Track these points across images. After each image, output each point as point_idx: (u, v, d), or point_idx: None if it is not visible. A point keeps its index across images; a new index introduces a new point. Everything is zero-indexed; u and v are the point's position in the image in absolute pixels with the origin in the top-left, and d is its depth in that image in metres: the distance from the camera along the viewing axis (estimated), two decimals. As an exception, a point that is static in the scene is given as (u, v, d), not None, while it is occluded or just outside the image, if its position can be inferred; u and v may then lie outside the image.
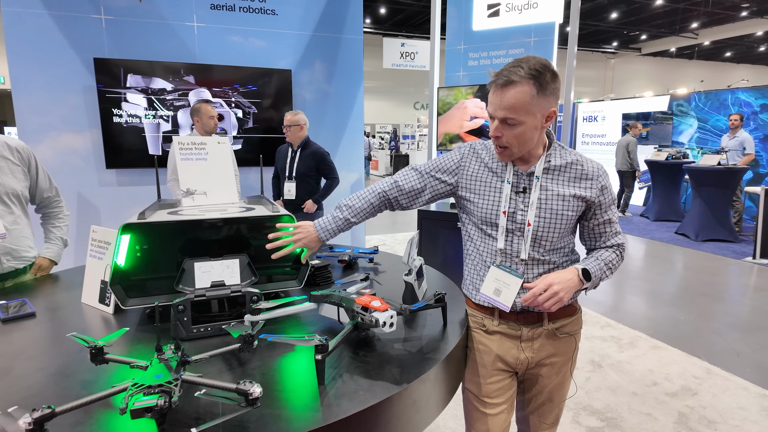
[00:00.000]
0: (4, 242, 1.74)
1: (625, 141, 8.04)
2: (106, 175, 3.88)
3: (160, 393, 0.88)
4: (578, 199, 1.28)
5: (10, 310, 1.45)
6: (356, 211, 1.43)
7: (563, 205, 1.28)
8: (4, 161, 1.78)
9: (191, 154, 1.72)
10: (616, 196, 8.04)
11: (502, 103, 1.19)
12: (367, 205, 1.43)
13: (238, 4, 4.11)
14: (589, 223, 1.35)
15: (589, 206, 1.31)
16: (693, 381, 2.81)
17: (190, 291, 1.33)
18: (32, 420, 0.80)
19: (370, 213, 1.46)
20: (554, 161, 1.30)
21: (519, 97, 1.17)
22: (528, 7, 3.46)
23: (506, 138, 1.22)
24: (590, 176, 1.29)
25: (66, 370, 1.14)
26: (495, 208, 1.31)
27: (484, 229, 1.35)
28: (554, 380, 1.40)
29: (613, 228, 1.36)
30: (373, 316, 1.21)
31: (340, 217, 1.43)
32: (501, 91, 1.18)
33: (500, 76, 1.19)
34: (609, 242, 1.37)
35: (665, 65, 28.07)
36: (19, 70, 3.52)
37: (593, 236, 1.37)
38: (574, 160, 1.31)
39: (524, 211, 1.29)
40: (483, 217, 1.34)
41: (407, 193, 1.43)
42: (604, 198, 1.31)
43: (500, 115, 1.20)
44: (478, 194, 1.35)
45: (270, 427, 0.91)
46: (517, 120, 1.19)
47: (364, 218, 1.46)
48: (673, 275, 5.09)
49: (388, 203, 1.46)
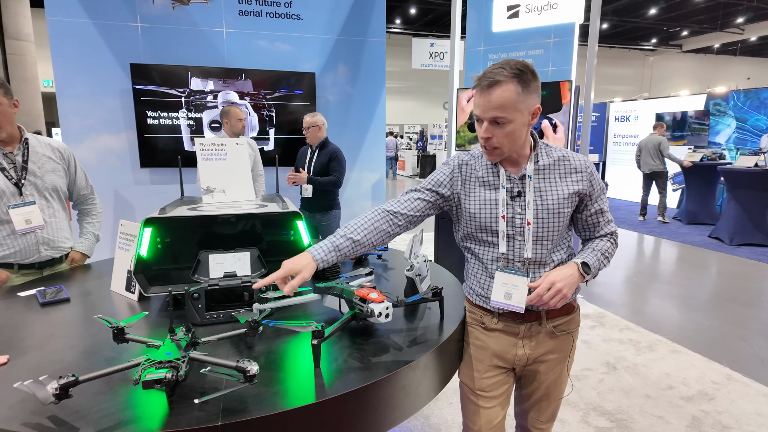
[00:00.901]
0: (42, 233, 1.92)
1: (655, 140, 7.57)
2: (140, 174, 4.12)
3: (169, 368, 0.98)
4: (572, 194, 1.32)
5: (48, 296, 1.61)
6: (354, 227, 1.32)
7: (558, 203, 1.32)
8: (47, 160, 1.97)
9: (211, 155, 1.84)
10: (644, 200, 7.81)
11: (491, 104, 1.22)
12: (365, 221, 1.34)
13: (265, 10, 4.27)
14: (582, 215, 1.39)
15: (582, 198, 1.35)
16: (711, 386, 2.76)
17: (205, 280, 1.44)
18: (58, 386, 0.92)
19: (372, 230, 1.33)
20: (542, 160, 1.34)
21: (506, 95, 1.21)
22: (548, 8, 3.46)
23: (497, 138, 1.26)
24: (579, 169, 1.34)
25: (93, 348, 1.27)
26: (492, 215, 1.34)
27: (482, 237, 1.38)
28: (551, 377, 1.44)
29: (606, 217, 1.40)
30: (370, 307, 1.29)
31: (331, 237, 1.31)
32: (487, 93, 1.22)
33: (484, 78, 1.23)
34: (603, 231, 1.41)
35: (708, 62, 26.94)
36: (64, 75, 3.78)
37: (587, 227, 1.41)
38: (561, 156, 1.35)
39: (522, 215, 1.32)
40: (481, 225, 1.36)
41: (407, 204, 1.39)
42: (593, 188, 1.35)
43: (490, 116, 1.24)
44: (474, 203, 1.36)
45: (266, 402, 1.01)
46: (507, 118, 1.23)
47: (366, 235, 1.32)
48: (702, 279, 4.95)
49: (392, 217, 1.36)
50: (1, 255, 1.86)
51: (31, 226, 1.89)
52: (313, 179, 3.53)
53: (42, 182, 1.93)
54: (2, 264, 1.87)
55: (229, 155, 1.87)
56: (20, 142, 1.90)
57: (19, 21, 11.40)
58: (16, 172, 1.87)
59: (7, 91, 1.82)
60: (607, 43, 24.45)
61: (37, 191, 1.92)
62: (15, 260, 1.89)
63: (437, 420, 2.41)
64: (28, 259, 1.92)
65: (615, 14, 19.16)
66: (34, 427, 0.91)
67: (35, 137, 1.97)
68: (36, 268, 1.95)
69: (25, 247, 1.90)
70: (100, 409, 0.97)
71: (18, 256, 1.89)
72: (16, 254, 1.88)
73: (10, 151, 1.87)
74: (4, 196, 1.83)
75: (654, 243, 6.65)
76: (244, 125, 3.62)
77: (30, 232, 1.90)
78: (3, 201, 1.83)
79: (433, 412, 2.49)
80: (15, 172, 1.87)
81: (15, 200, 1.86)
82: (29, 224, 1.89)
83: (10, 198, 1.85)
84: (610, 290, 4.57)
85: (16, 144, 1.89)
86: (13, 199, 1.86)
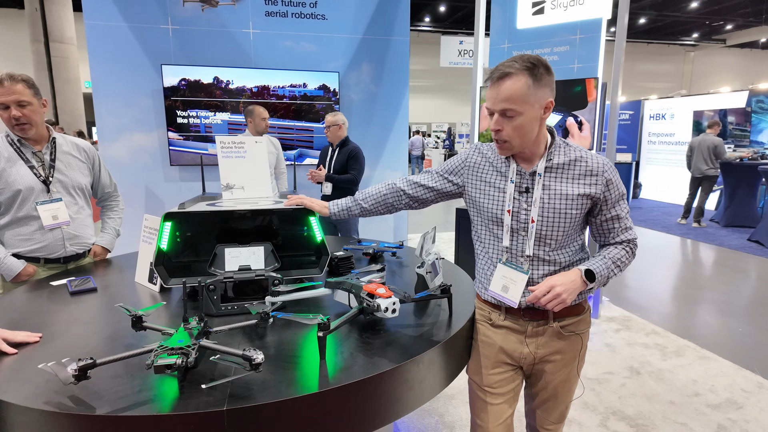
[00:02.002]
0: (68, 229, 2.02)
1: (710, 142, 7.09)
2: (170, 172, 4.27)
3: (180, 354, 1.04)
4: (582, 197, 1.30)
5: (77, 285, 1.70)
6: (365, 195, 1.63)
7: (566, 204, 1.30)
8: (73, 159, 2.07)
9: (231, 152, 1.90)
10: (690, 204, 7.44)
11: (500, 95, 1.23)
12: (376, 192, 1.61)
13: (291, 11, 4.35)
14: (596, 220, 1.36)
15: (596, 203, 1.32)
16: (740, 394, 2.66)
17: (221, 273, 1.50)
18: (77, 367, 0.98)
19: (380, 201, 1.61)
20: (556, 159, 1.32)
21: (516, 87, 1.22)
22: (574, 4, 3.39)
23: (506, 131, 1.26)
24: (595, 172, 1.30)
25: (114, 334, 1.34)
26: (500, 207, 1.36)
27: (492, 229, 1.40)
28: (558, 377, 1.43)
29: (623, 224, 1.36)
30: (377, 302, 1.31)
31: (350, 198, 1.66)
32: (498, 84, 1.24)
33: (496, 70, 1.24)
34: (618, 238, 1.37)
35: (753, 57, 25.68)
36: (100, 76, 3.96)
37: (602, 232, 1.38)
38: (577, 156, 1.32)
39: (528, 210, 1.32)
40: (490, 216, 1.38)
41: (416, 184, 1.55)
42: (610, 193, 1.31)
43: (499, 107, 1.24)
44: (483, 193, 1.40)
45: (270, 390, 1.04)
46: (516, 111, 1.23)
47: (374, 204, 1.61)
48: (739, 284, 4.75)
49: (399, 194, 1.58)
50: (30, 249, 1.96)
51: (58, 222, 1.99)
52: (331, 176, 3.59)
53: (68, 180, 2.03)
54: (29, 258, 1.97)
55: (249, 153, 1.93)
56: (48, 141, 2.00)
57: (62, 24, 11.97)
58: (44, 170, 1.97)
59: (37, 92, 1.92)
60: (645, 38, 23.63)
61: (63, 188, 2.01)
62: (42, 255, 1.99)
63: (451, 418, 2.42)
64: (54, 253, 2.01)
65: (653, 8, 18.51)
66: (56, 405, 0.97)
67: (62, 137, 2.07)
68: (61, 263, 2.05)
69: (52, 242, 2.00)
70: (116, 391, 1.03)
71: (45, 251, 1.99)
72: (44, 249, 1.99)
73: (39, 149, 1.97)
74: (33, 192, 1.93)
75: (689, 246, 6.41)
76: (268, 124, 3.70)
77: (57, 228, 2.00)
78: (32, 197, 1.93)
79: (447, 410, 2.49)
80: (43, 170, 1.97)
81: (43, 197, 1.96)
82: (56, 220, 1.99)
83: (39, 195, 1.95)
84: (639, 294, 4.45)
85: (44, 143, 1.99)
86: (41, 195, 1.95)
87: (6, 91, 1.82)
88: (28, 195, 1.93)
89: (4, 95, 1.82)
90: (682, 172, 8.40)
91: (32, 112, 1.89)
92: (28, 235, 1.96)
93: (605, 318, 3.77)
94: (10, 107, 1.84)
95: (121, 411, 0.95)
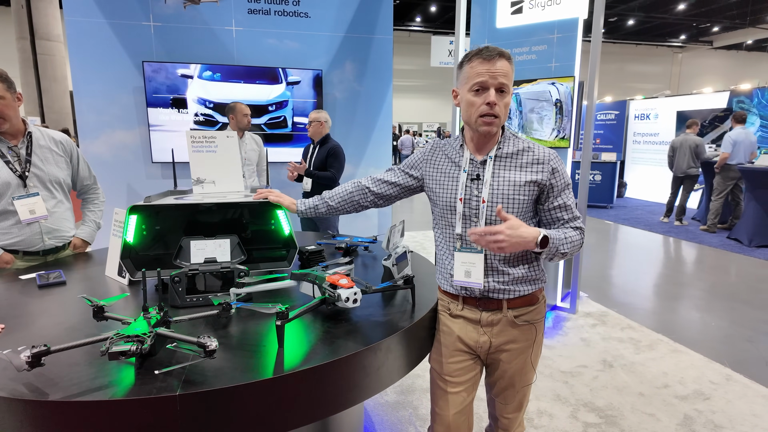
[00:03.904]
0: (46, 223, 2.03)
1: (691, 141, 7.20)
2: (152, 169, 4.26)
3: (135, 341, 1.06)
4: (529, 183, 1.35)
5: (46, 279, 1.71)
6: (332, 193, 1.68)
7: (514, 190, 1.34)
8: (50, 152, 2.07)
9: (202, 147, 1.92)
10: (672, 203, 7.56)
11: (500, 71, 1.29)
12: (343, 190, 1.67)
13: (274, 8, 4.36)
14: (544, 207, 1.40)
15: (542, 189, 1.37)
16: (708, 386, 2.72)
17: (186, 265, 1.52)
18: (30, 354, 1.00)
19: (346, 198, 1.66)
20: (506, 149, 1.38)
21: (508, 68, 1.31)
22: (551, 4, 3.44)
23: (499, 107, 1.31)
24: (541, 160, 1.36)
25: (77, 325, 1.36)
26: (453, 195, 1.41)
27: (447, 217, 1.44)
28: (514, 366, 1.46)
29: (570, 212, 1.39)
30: (338, 292, 1.34)
31: (318, 196, 1.70)
32: (494, 61, 1.29)
33: (488, 50, 1.30)
34: (567, 225, 1.40)
35: (739, 59, 26.06)
36: (80, 73, 3.94)
37: (550, 220, 1.41)
38: (525, 147, 1.38)
39: (478, 197, 1.37)
40: (444, 205, 1.43)
41: (380, 181, 1.61)
42: (555, 181, 1.36)
43: (498, 82, 1.29)
44: (439, 184, 1.45)
45: (225, 376, 1.07)
46: (509, 87, 1.32)
47: (340, 202, 1.66)
48: (715, 281, 4.84)
49: (364, 191, 1.62)
50: (8, 243, 1.97)
51: (35, 216, 2.00)
52: (311, 172, 3.62)
53: (45, 174, 2.03)
54: (8, 251, 1.98)
55: (220, 147, 1.94)
56: (24, 136, 2.00)
57: (49, 22, 11.84)
58: (20, 164, 1.97)
59: (10, 85, 1.92)
60: (634, 39, 23.88)
61: (40, 183, 2.02)
62: (20, 248, 2.00)
63: (425, 411, 2.45)
64: (33, 247, 2.02)
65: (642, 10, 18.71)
66: (9, 391, 0.99)
67: (39, 130, 2.07)
68: (40, 255, 2.06)
69: (30, 236, 2.01)
70: (71, 377, 1.05)
71: (23, 245, 2.00)
72: (21, 243, 1.99)
73: (15, 144, 1.97)
74: (9, 187, 1.94)
75: (670, 244, 6.51)
76: (249, 120, 3.71)
77: (34, 222, 2.01)
78: (8, 192, 1.94)
79: (422, 403, 2.52)
80: (19, 164, 1.97)
81: (19, 192, 1.96)
82: (33, 214, 1.99)
83: (15, 189, 1.95)
84: (617, 290, 4.52)
85: (20, 137, 1.99)
86: (17, 190, 1.96)
87: None
88: (4, 190, 1.93)
89: None
90: (666, 171, 8.51)
91: (5, 107, 1.89)
92: (6, 229, 1.97)
93: (582, 313, 3.83)
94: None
95: (73, 397, 0.97)
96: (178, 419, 1.00)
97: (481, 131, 1.35)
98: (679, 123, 9.27)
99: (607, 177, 9.31)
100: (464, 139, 1.44)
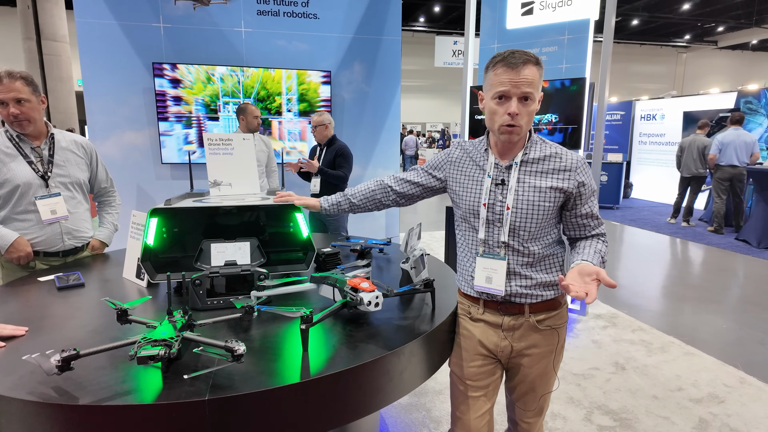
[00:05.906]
0: (66, 223, 2.04)
1: (701, 142, 7.14)
2: (161, 170, 4.27)
3: (163, 345, 1.06)
4: (555, 190, 1.33)
5: (65, 281, 1.72)
6: (355, 191, 1.70)
7: (540, 197, 1.33)
8: (72, 155, 2.09)
9: (219, 149, 1.92)
10: (676, 204, 7.52)
11: (525, 79, 1.25)
12: (365, 188, 1.69)
13: (283, 10, 4.36)
14: (569, 214, 1.40)
15: (568, 197, 1.36)
16: (722, 389, 2.71)
17: (207, 268, 1.52)
18: (60, 358, 1.00)
19: (368, 196, 1.68)
20: (532, 154, 1.36)
21: (535, 74, 1.27)
22: (562, 5, 3.43)
23: (522, 116, 1.28)
24: (568, 168, 1.34)
25: (100, 328, 1.36)
26: (477, 199, 1.40)
27: (470, 220, 1.43)
28: (535, 371, 1.45)
29: (595, 220, 1.39)
30: (360, 296, 1.34)
31: (340, 193, 1.73)
32: (519, 69, 1.25)
33: (513, 56, 1.26)
34: (591, 233, 1.40)
35: (744, 59, 25.93)
36: (91, 74, 3.95)
37: (575, 227, 1.41)
38: (552, 152, 1.36)
39: (503, 202, 1.36)
40: (467, 209, 1.42)
41: (402, 180, 1.61)
42: (583, 189, 1.35)
43: (521, 91, 1.26)
44: (463, 187, 1.44)
45: (252, 380, 1.07)
46: (534, 96, 1.29)
47: (362, 200, 1.68)
48: (725, 282, 4.81)
49: (386, 190, 1.64)
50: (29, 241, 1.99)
51: (56, 216, 2.01)
52: (322, 170, 3.62)
53: (66, 175, 2.05)
54: None
55: (236, 150, 1.95)
56: (47, 137, 2.02)
57: (55, 22, 11.89)
58: (43, 165, 1.99)
59: (36, 89, 1.94)
60: (638, 39, 23.79)
61: (61, 184, 2.04)
62: (40, 248, 2.02)
63: (438, 413, 2.45)
64: (53, 247, 2.04)
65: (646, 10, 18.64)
66: (39, 395, 0.99)
67: (61, 132, 2.09)
68: (60, 257, 2.07)
69: (51, 236, 2.02)
70: (99, 381, 1.05)
71: (44, 245, 2.02)
72: (42, 242, 2.01)
73: (38, 145, 2.00)
74: (31, 187, 1.96)
75: (678, 245, 6.48)
76: (259, 122, 3.72)
77: (55, 222, 2.02)
78: (30, 192, 1.96)
79: (435, 405, 2.52)
80: (42, 165, 1.99)
81: (42, 192, 1.98)
82: (54, 214, 2.01)
83: (37, 190, 1.97)
84: (627, 292, 4.50)
85: (43, 139, 2.02)
86: (39, 190, 1.98)
87: (5, 89, 1.85)
88: (27, 190, 1.96)
89: (3, 92, 1.85)
90: (672, 172, 8.48)
91: (31, 109, 1.92)
92: (26, 229, 1.98)
93: (593, 315, 3.81)
94: (8, 104, 1.86)
95: (103, 401, 0.97)
96: (208, 424, 1.00)
97: (502, 140, 1.35)
98: (686, 124, 9.24)
99: (613, 178, 9.29)
100: (489, 143, 1.43)
